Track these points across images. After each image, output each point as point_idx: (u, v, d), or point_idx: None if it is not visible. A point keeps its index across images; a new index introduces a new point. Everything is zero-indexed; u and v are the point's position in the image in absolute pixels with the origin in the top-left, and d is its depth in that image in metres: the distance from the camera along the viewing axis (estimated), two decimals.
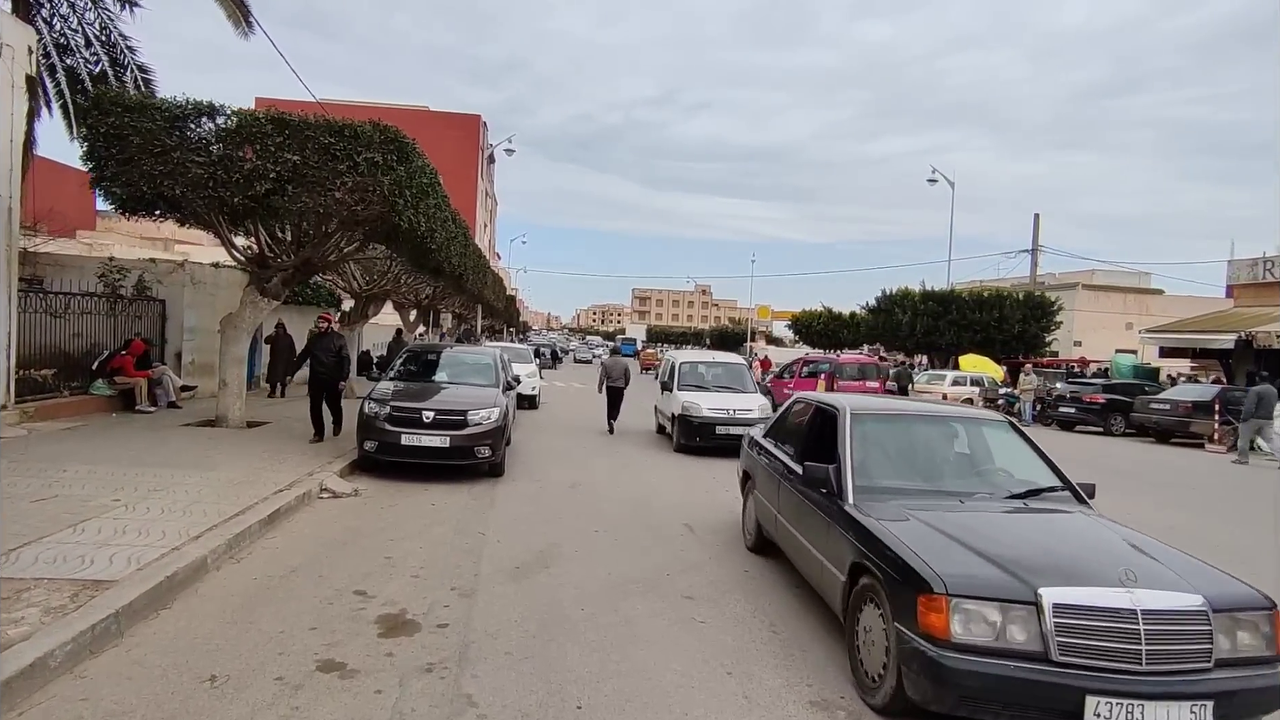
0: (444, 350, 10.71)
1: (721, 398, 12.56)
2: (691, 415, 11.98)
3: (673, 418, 12.56)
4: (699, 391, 12.87)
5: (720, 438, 11.63)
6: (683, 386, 13.04)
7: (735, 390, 13.23)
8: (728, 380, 13.61)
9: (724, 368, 14.24)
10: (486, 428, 8.62)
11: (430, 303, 24.32)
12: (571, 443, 12.90)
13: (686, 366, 13.81)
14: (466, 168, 57.08)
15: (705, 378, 13.58)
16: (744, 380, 13.86)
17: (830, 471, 4.56)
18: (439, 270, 15.31)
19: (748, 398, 12.88)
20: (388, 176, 9.41)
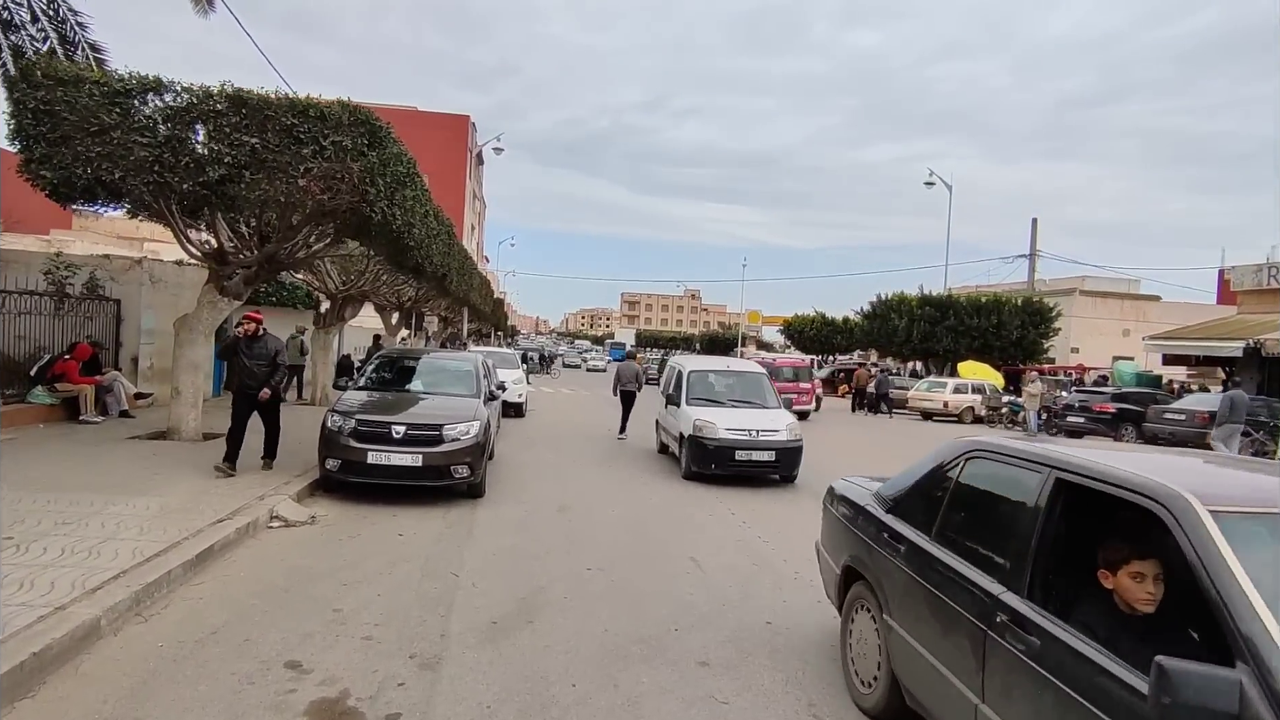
0: (420, 356, 9.73)
1: (741, 415, 10.52)
2: (705, 437, 9.93)
3: (680, 438, 10.53)
4: (712, 407, 10.81)
5: (741, 465, 9.83)
6: (693, 400, 10.97)
7: (755, 405, 11.13)
8: (746, 393, 11.52)
9: (741, 378, 11.96)
10: (465, 444, 7.66)
11: (413, 305, 23.28)
12: (561, 456, 11.94)
13: (696, 376, 11.59)
14: (455, 169, 56.02)
15: (719, 390, 11.54)
16: (765, 393, 11.61)
17: None
18: (419, 270, 14.32)
19: (772, 415, 10.71)
20: (358, 163, 8.45)
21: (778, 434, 10.10)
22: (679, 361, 12.69)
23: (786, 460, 10.04)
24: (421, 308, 26.38)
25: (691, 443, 10.04)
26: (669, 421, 11.63)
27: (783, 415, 10.79)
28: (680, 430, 10.56)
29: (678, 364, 12.43)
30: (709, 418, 10.18)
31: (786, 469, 10.11)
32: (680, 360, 12.67)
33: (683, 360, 12.54)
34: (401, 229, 10.26)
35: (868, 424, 23.23)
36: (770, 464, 9.97)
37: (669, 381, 12.38)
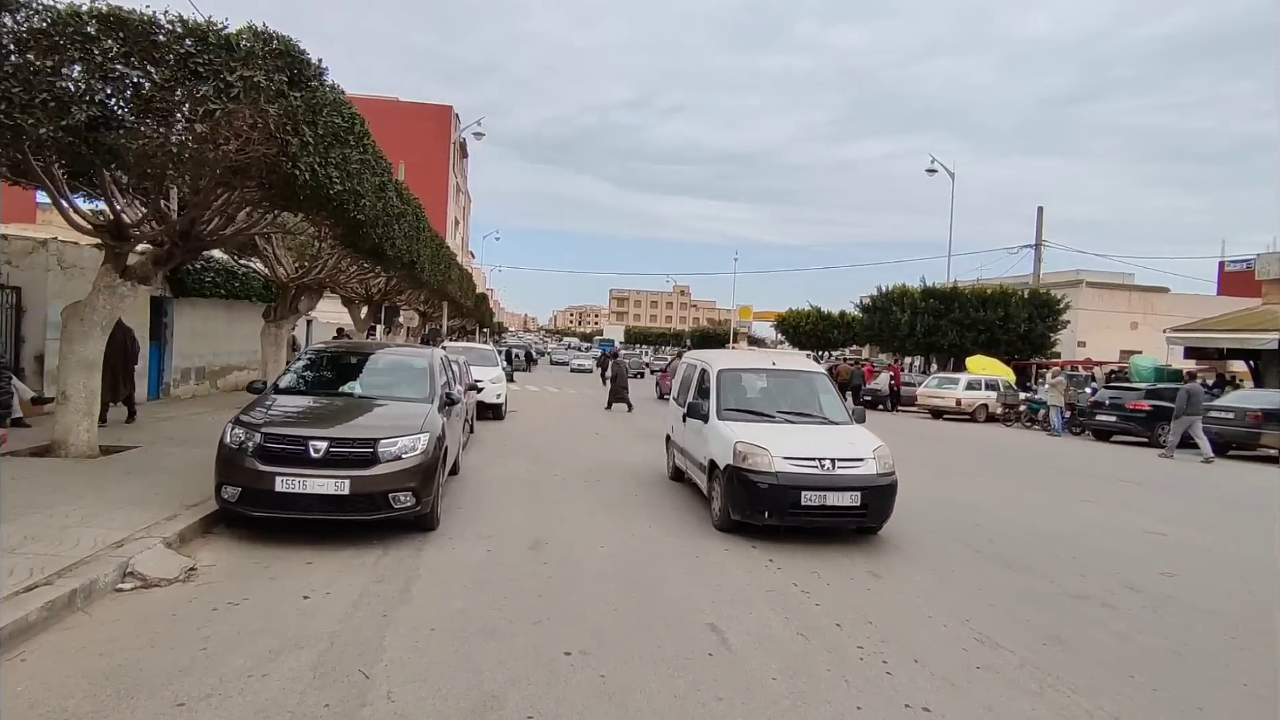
0: (364, 351, 7.87)
1: (803, 435, 7.21)
2: (755, 470, 6.56)
3: (710, 468, 7.33)
4: (758, 423, 7.47)
5: (810, 513, 6.50)
6: (728, 413, 7.64)
7: (817, 419, 7.78)
8: (802, 402, 8.07)
9: (794, 381, 8.45)
10: (408, 464, 5.85)
11: (383, 297, 21.39)
12: (541, 470, 10.13)
13: (729, 378, 8.16)
14: (437, 159, 54.01)
15: (764, 398, 8.17)
16: (829, 402, 8.07)
17: None
18: (379, 253, 12.48)
19: (847, 435, 7.34)
20: (274, 105, 6.62)
21: (862, 465, 6.72)
22: (702, 358, 9.12)
23: (877, 505, 6.66)
24: (395, 301, 24.47)
25: (733, 478, 6.70)
26: (690, 442, 8.37)
27: (862, 435, 7.35)
28: (711, 456, 7.30)
29: (700, 361, 9.03)
30: (758, 440, 6.83)
31: (876, 517, 6.79)
32: (703, 357, 9.21)
33: (707, 357, 9.02)
34: (344, 197, 8.43)
35: None
36: (853, 511, 6.58)
37: (688, 385, 9.12)
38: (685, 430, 8.67)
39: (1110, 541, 7.56)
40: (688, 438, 8.57)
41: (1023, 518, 8.41)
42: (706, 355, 9.32)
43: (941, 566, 6.22)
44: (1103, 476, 12.62)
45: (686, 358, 10.49)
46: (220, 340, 17.61)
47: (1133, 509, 9.53)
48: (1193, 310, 33.94)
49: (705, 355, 9.37)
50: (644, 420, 19.01)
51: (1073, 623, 5.00)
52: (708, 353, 9.70)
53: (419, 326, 35.82)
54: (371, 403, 6.66)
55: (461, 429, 9.65)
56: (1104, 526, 8.32)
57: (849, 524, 6.86)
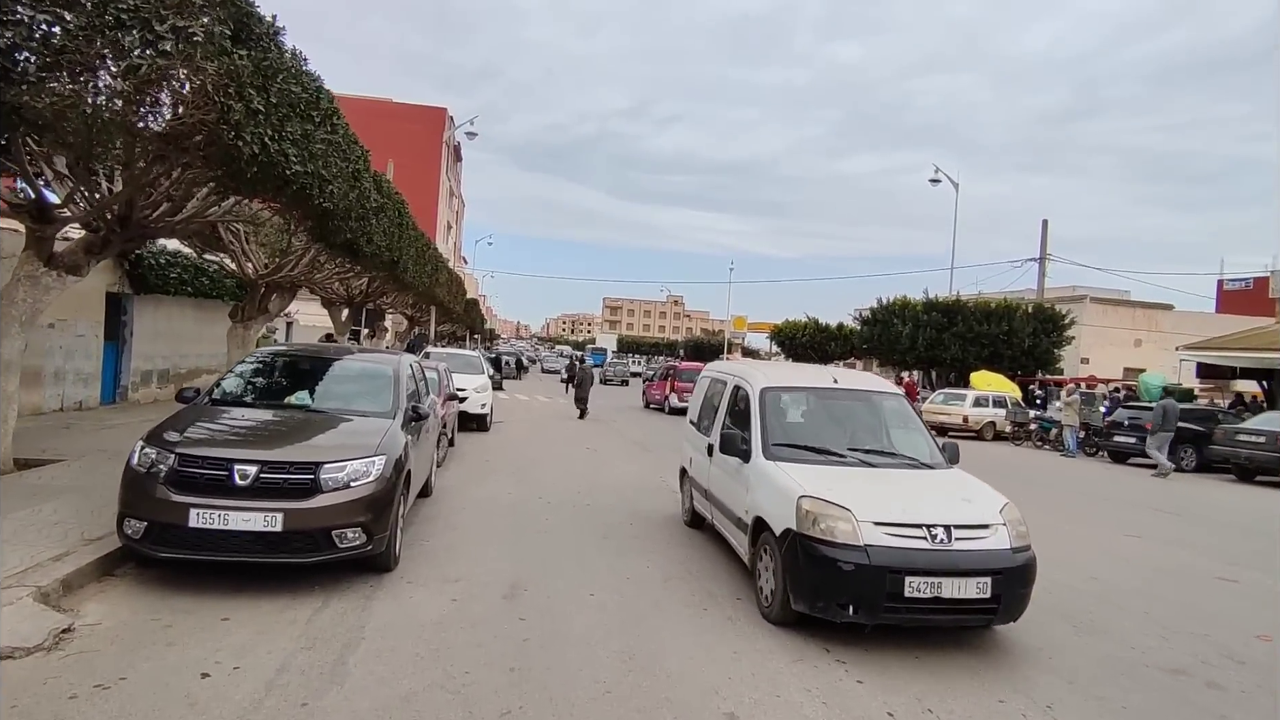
0: (320, 356, 6.81)
1: (892, 485, 5.31)
2: (832, 541, 4.54)
3: (755, 527, 5.29)
4: (825, 464, 5.40)
5: (921, 607, 4.45)
6: (779, 449, 5.54)
7: (902, 460, 5.71)
8: (876, 434, 6.06)
9: (865, 406, 6.28)
10: (358, 494, 4.81)
11: (364, 299, 20.31)
12: (525, 491, 9.07)
13: (777, 399, 6.04)
14: (429, 161, 53.03)
15: (826, 429, 5.98)
16: (913, 436, 6.10)
17: None
18: (354, 249, 11.44)
19: (952, 483, 5.41)
20: (213, 62, 5.60)
21: (988, 534, 4.67)
22: (733, 372, 6.97)
23: (1012, 594, 4.57)
24: (378, 303, 23.38)
25: (798, 552, 4.60)
26: (721, 485, 6.26)
27: (975, 486, 5.29)
28: (757, 512, 5.21)
29: (731, 376, 6.84)
30: (833, 494, 4.74)
31: (1010, 611, 4.63)
32: (734, 370, 7.07)
33: (740, 370, 6.82)
34: (304, 180, 7.41)
35: None
36: (979, 605, 4.50)
37: (712, 406, 7.09)
38: (712, 469, 6.48)
39: (1181, 591, 6.56)
40: (716, 480, 6.36)
41: (1074, 558, 7.39)
42: (739, 368, 7.03)
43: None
44: (1135, 504, 11.65)
45: (710, 371, 8.06)
46: (187, 341, 16.51)
47: (1185, 546, 8.54)
48: (1197, 328, 33.22)
49: (737, 368, 7.10)
50: (635, 431, 18.02)
51: (1180, 713, 3.99)
52: (741, 364, 7.52)
53: (406, 331, 34.71)
54: (322, 417, 5.60)
55: (436, 445, 8.60)
56: (1164, 570, 7.32)
57: (972, 621, 4.70)
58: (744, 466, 5.67)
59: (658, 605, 5.11)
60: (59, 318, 11.53)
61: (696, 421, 7.67)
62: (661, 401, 25.06)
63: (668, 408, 24.11)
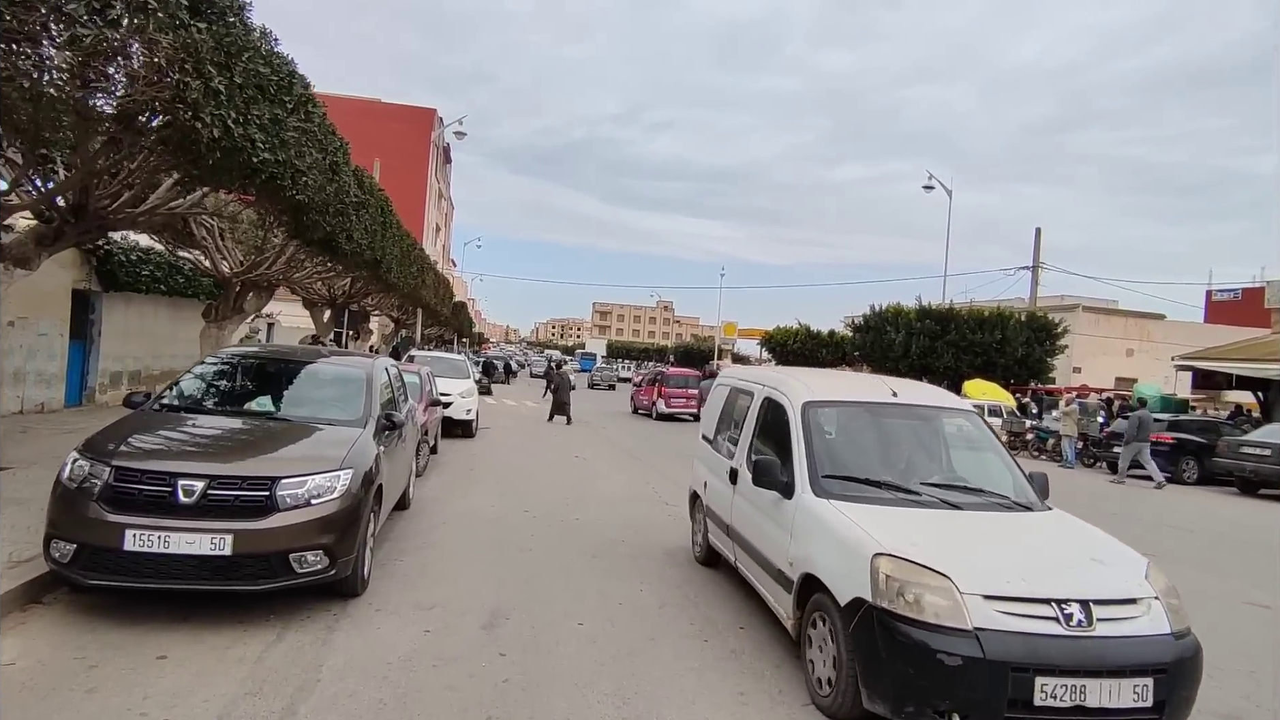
0: (286, 359, 6.27)
1: (992, 534, 4.08)
2: (928, 622, 3.32)
3: (804, 585, 4.06)
4: (897, 505, 4.19)
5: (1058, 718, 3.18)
6: (830, 483, 4.32)
7: (991, 499, 4.46)
8: (950, 463, 4.91)
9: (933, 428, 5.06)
10: (320, 512, 4.30)
11: (348, 300, 19.73)
12: (510, 503, 8.56)
13: (825, 419, 4.85)
14: (417, 161, 52.40)
15: (887, 456, 4.83)
16: (995, 464, 4.86)
17: None
18: (331, 246, 10.90)
19: (1066, 534, 4.24)
20: (167, 36, 5.09)
21: (1138, 612, 3.48)
22: (762, 380, 5.65)
23: (1177, 696, 3.32)
24: (362, 304, 22.79)
25: (878, 632, 3.42)
26: (750, 523, 5.01)
27: (1099, 540, 4.14)
28: (809, 568, 4.00)
29: (760, 386, 5.56)
30: (921, 551, 3.56)
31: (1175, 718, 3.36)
32: (763, 378, 5.75)
33: (774, 380, 5.44)
34: (274, 169, 6.89)
35: None
36: (1138, 716, 3.25)
37: (732, 420, 6.00)
38: (737, 500, 5.29)
39: (1214, 619, 6.10)
40: (743, 514, 5.13)
41: None
42: (770, 376, 5.68)
43: None
44: (1144, 520, 11.27)
45: (729, 379, 6.64)
46: (161, 341, 15.90)
47: (1208, 569, 8.13)
48: (1187, 338, 33.16)
49: (767, 376, 5.74)
50: (624, 438, 17.53)
51: None
52: (771, 373, 5.99)
53: (392, 334, 34.08)
54: (284, 426, 5.07)
55: (415, 454, 8.08)
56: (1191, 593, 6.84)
57: None
58: (784, 504, 4.41)
59: (653, 638, 4.62)
60: (19, 315, 10.93)
61: (712, 439, 6.37)
62: (649, 407, 25.00)
63: (655, 413, 24.11)
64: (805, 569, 4.04)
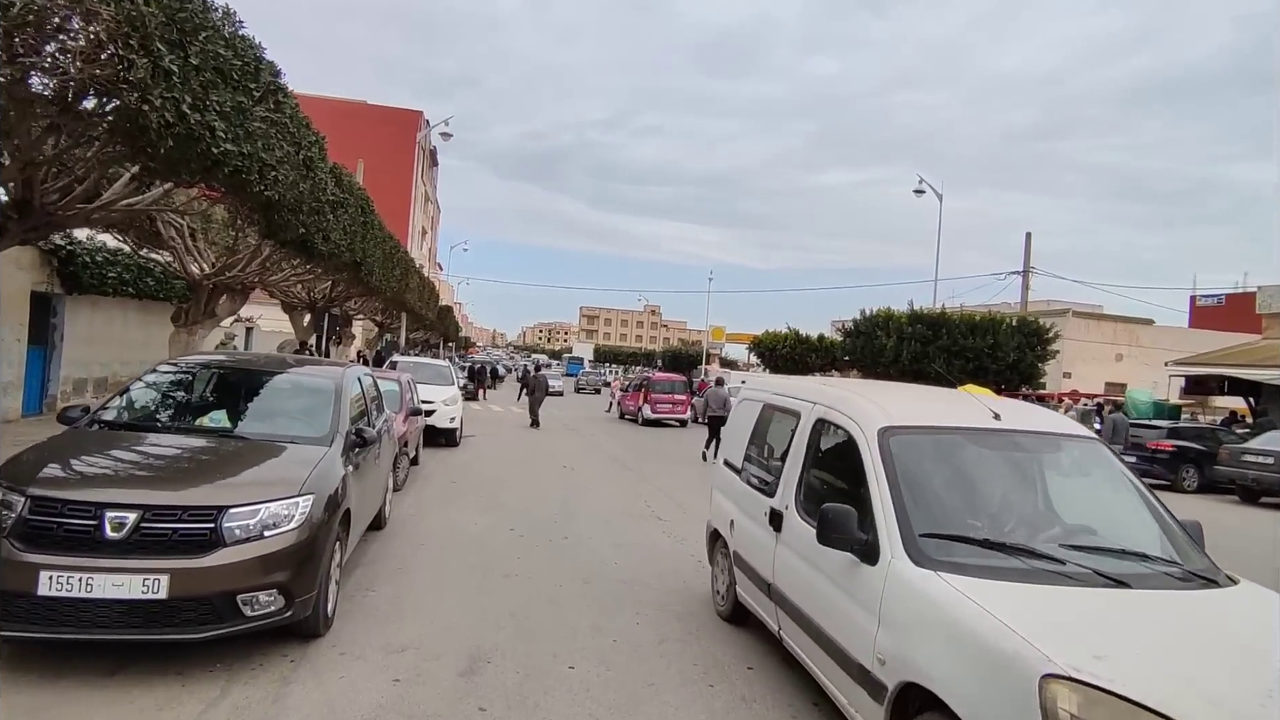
0: (246, 368, 5.71)
1: (1195, 631, 2.80)
2: None
3: (902, 699, 2.88)
4: (1036, 577, 2.94)
5: None
6: (933, 547, 3.11)
7: (1159, 570, 3.23)
8: (1074, 511, 3.69)
9: (1043, 461, 3.88)
10: (275, 546, 3.77)
11: (328, 303, 19.10)
12: (494, 519, 8.02)
13: (915, 453, 3.60)
14: (402, 164, 51.69)
15: (994, 503, 3.58)
16: (1134, 514, 3.64)
17: None
18: (308, 246, 10.33)
19: None
20: (108, 6, 4.54)
21: None
22: (813, 398, 4.40)
23: None
24: (344, 308, 22.14)
25: None
26: (813, 592, 3.75)
27: None
28: (923, 679, 2.75)
29: (811, 404, 4.36)
30: (1124, 677, 2.29)
31: None
32: (817, 396, 4.38)
33: (832, 398, 4.21)
34: (237, 162, 6.35)
35: None
36: None
37: (770, 447, 4.97)
38: (782, 551, 4.12)
39: None
40: (793, 573, 3.96)
41: None
42: (823, 391, 4.40)
43: None
44: None
45: (758, 392, 5.47)
46: (131, 347, 15.22)
47: None
48: (1175, 343, 33.15)
49: (818, 391, 4.45)
50: (613, 445, 17.01)
51: None
52: (822, 386, 4.71)
53: (375, 338, 33.40)
54: (238, 445, 4.52)
55: (393, 468, 7.54)
56: None
57: None
58: (863, 571, 3.22)
59: (653, 683, 4.11)
60: None
61: (739, 466, 5.22)
62: (635, 412, 24.94)
63: (641, 419, 24.10)
64: (907, 675, 2.81)
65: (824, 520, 3.33)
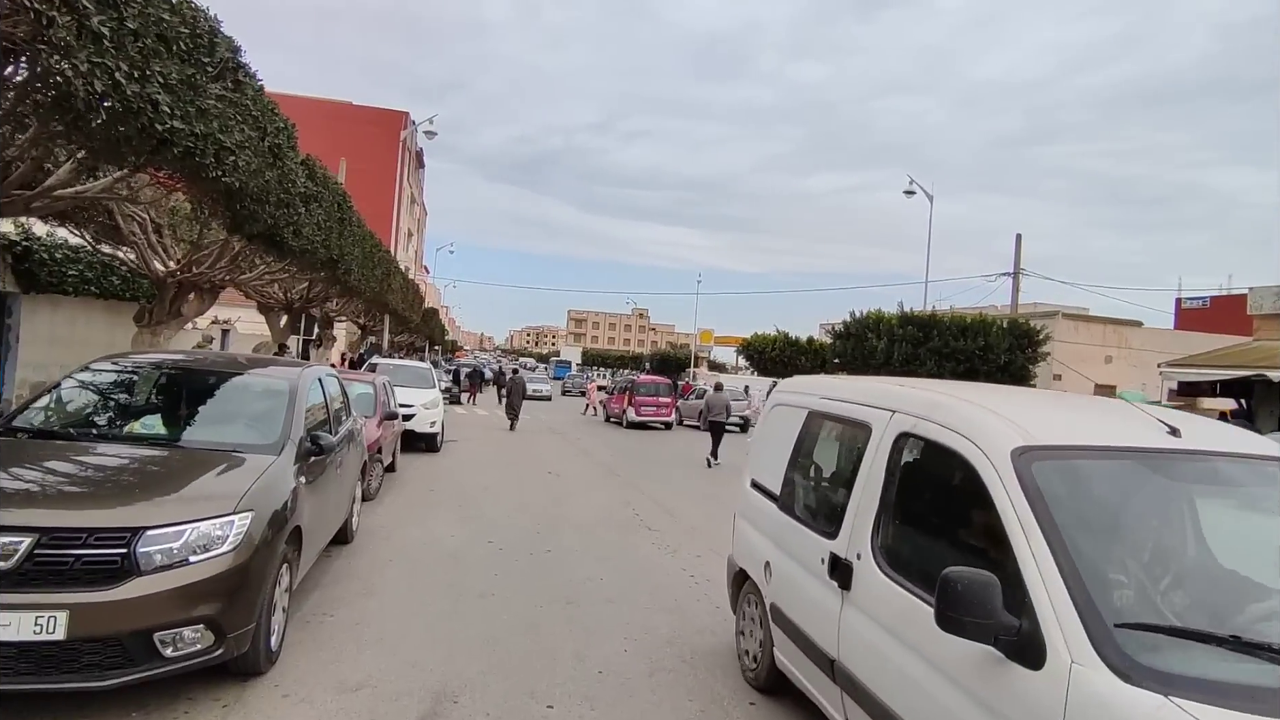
0: (190, 367, 5.13)
1: None
2: None
3: None
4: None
5: None
6: (1136, 642, 1.97)
7: None
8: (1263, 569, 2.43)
9: (1223, 498, 2.78)
10: (201, 572, 3.23)
11: (305, 304, 18.46)
12: (472, 531, 7.48)
13: (1083, 488, 2.51)
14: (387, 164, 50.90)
15: (1193, 563, 2.60)
16: None
17: None
18: (277, 240, 9.74)
19: None
20: None
21: None
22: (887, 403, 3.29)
23: None
24: (324, 309, 21.48)
25: None
26: (929, 708, 2.48)
27: None
28: None
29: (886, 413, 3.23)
30: None
31: None
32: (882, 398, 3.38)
33: (919, 403, 3.10)
34: (188, 141, 5.79)
35: None
36: None
37: (817, 467, 4.00)
38: (855, 620, 3.03)
39: None
40: (880, 657, 2.81)
41: None
42: (897, 393, 3.39)
43: None
44: None
45: (800, 395, 4.29)
46: (96, 349, 14.22)
47: None
48: (1165, 345, 33.00)
49: (890, 392, 3.44)
50: (599, 449, 16.47)
51: None
52: (899, 388, 3.51)
53: (358, 341, 32.70)
54: (171, 456, 3.97)
55: (361, 477, 6.98)
56: None
57: None
58: (1018, 677, 2.13)
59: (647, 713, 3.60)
60: None
61: (777, 493, 4.04)
62: (620, 415, 25.03)
63: (625, 421, 24.23)
64: None
65: (949, 594, 2.14)
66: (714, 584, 6.18)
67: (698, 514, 9.46)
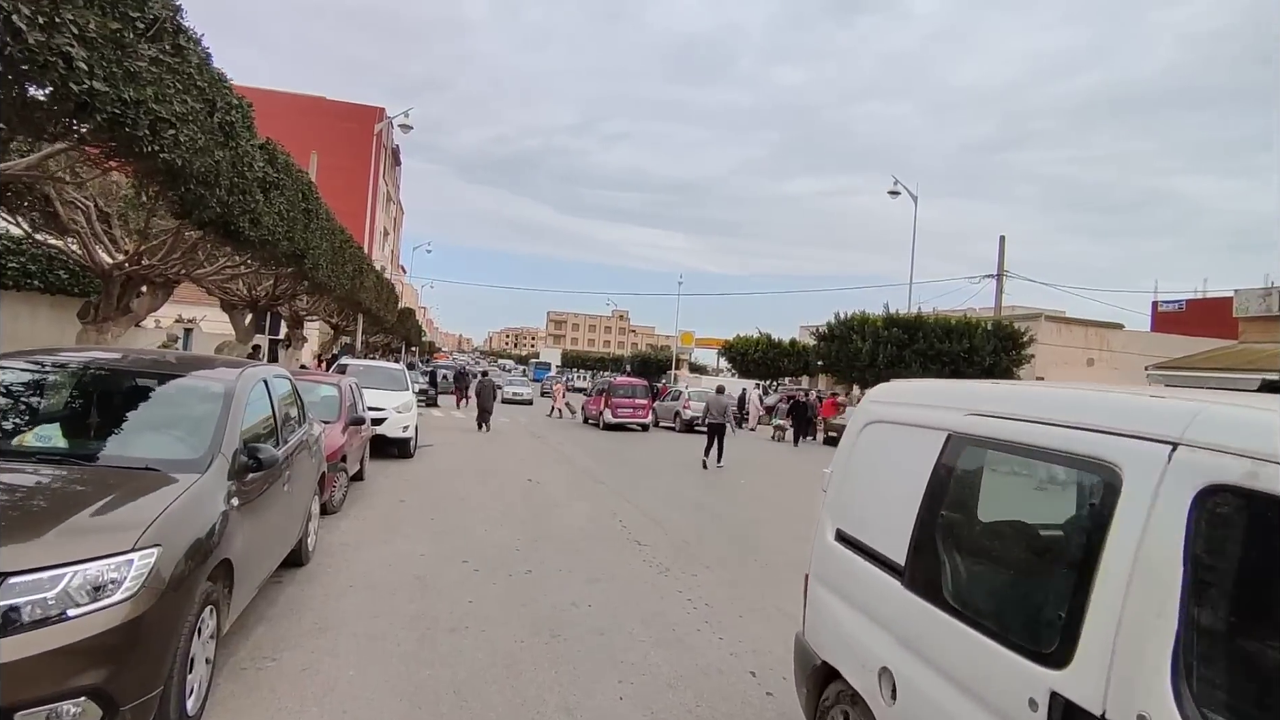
0: (112, 366, 4.37)
1: None
2: None
3: None
4: None
5: None
6: None
7: None
8: None
9: None
10: (86, 628, 2.51)
11: (270, 301, 17.55)
12: (444, 548, 6.75)
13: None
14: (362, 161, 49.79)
15: None
16: None
17: None
18: (231, 229, 8.94)
19: None
20: None
21: None
22: (1155, 427, 1.76)
23: None
24: (292, 307, 20.55)
25: None
26: None
27: None
28: None
29: (1169, 446, 1.69)
30: None
31: None
32: (1135, 414, 1.86)
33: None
34: (114, 108, 5.04)
35: None
36: None
37: (975, 523, 2.55)
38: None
39: None
40: None
41: None
42: (1193, 411, 1.72)
43: None
44: None
45: (911, 410, 2.85)
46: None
47: None
48: (1146, 348, 33.13)
49: (1175, 412, 1.77)
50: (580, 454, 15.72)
51: None
52: (1224, 408, 1.72)
53: (330, 341, 31.64)
54: (64, 475, 3.23)
55: (318, 490, 6.23)
56: None
57: None
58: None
59: None
60: None
61: (900, 564, 2.56)
62: (597, 417, 25.06)
63: (603, 423, 24.20)
64: None
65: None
66: (714, 609, 5.54)
67: (688, 526, 8.82)
